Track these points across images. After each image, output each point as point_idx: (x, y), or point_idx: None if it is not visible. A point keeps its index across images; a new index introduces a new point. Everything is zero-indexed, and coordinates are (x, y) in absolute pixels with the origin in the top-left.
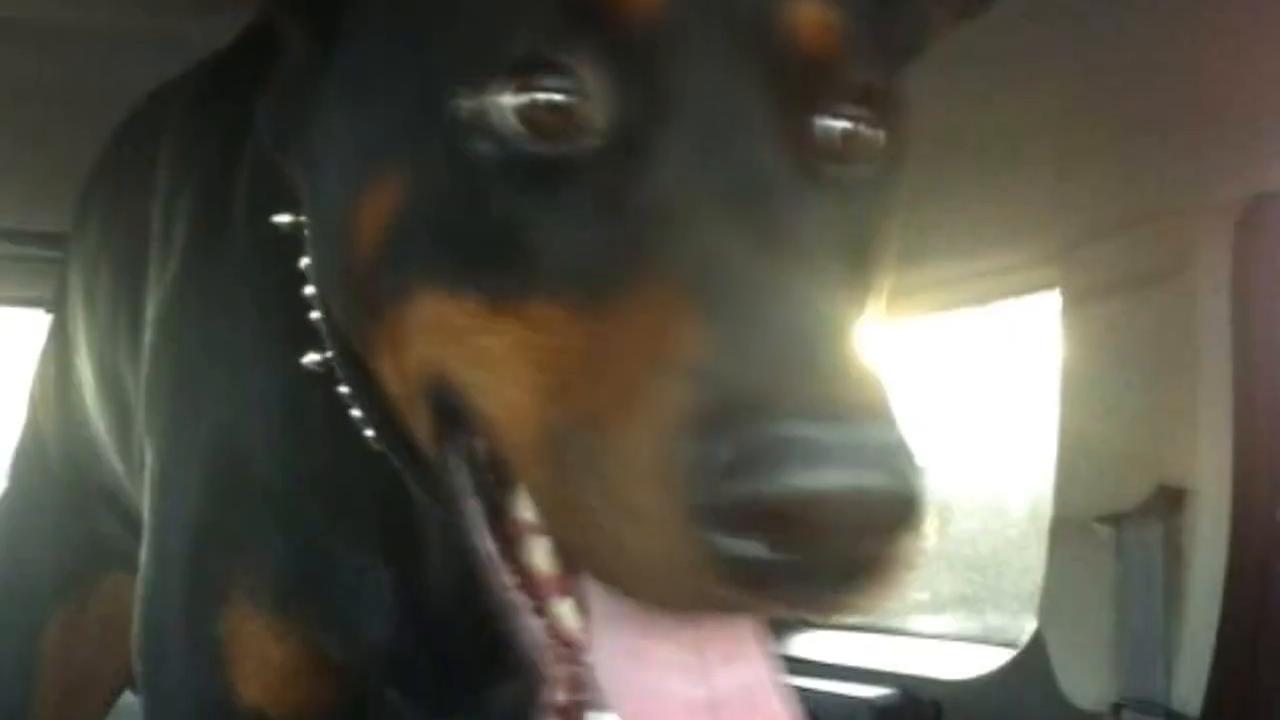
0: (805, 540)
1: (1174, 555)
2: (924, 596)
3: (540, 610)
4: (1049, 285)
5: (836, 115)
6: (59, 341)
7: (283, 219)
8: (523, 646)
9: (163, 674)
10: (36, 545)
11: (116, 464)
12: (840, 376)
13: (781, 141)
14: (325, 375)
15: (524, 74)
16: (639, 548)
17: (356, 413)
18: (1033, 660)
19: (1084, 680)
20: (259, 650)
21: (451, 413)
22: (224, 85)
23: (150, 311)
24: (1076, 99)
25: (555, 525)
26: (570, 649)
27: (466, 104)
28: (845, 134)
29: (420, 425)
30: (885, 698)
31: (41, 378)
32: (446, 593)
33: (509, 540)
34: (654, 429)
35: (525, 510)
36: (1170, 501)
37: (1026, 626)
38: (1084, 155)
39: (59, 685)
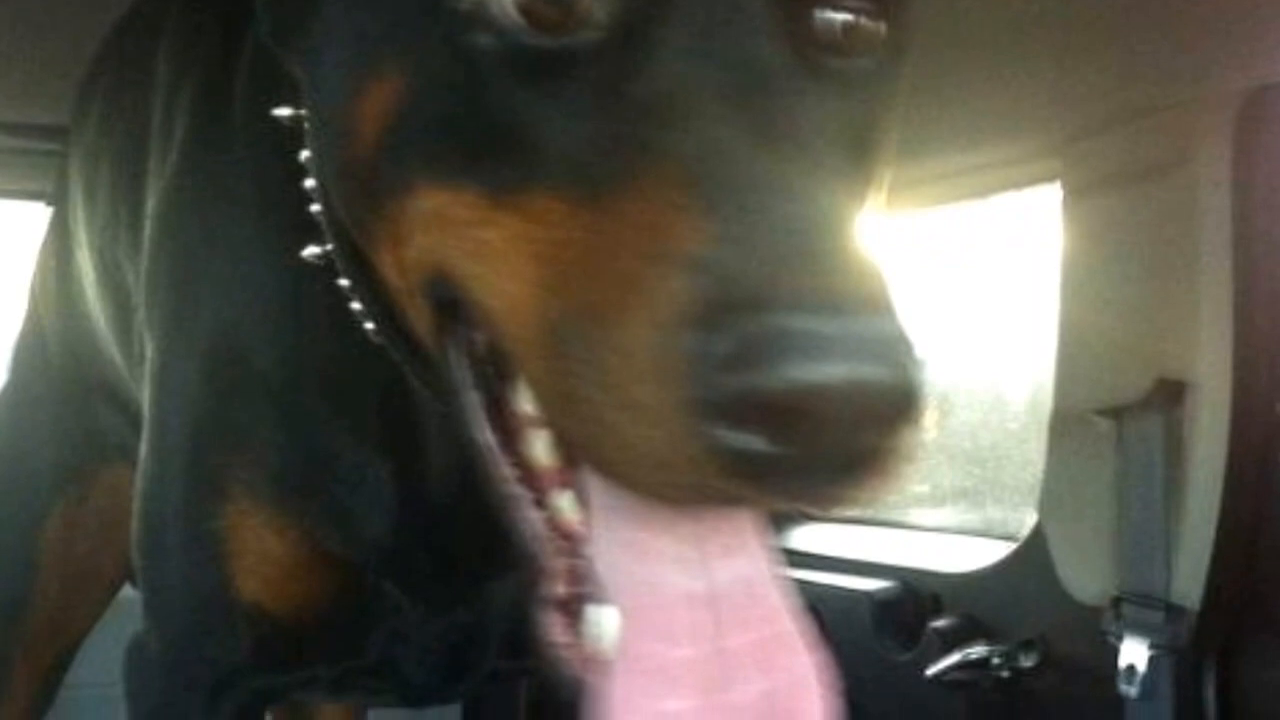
0: (805, 433)
1: (1174, 449)
2: (923, 489)
3: (540, 503)
4: (1049, 178)
5: (837, 7)
6: (59, 235)
7: (283, 113)
8: (522, 539)
9: (162, 568)
10: (36, 438)
11: (116, 357)
12: (840, 269)
13: (782, 34)
14: (325, 268)
15: None
16: (639, 440)
17: (356, 306)
18: (1033, 553)
19: (1084, 573)
20: (258, 545)
21: (451, 306)
22: None
23: (150, 205)
24: None
25: (555, 418)
26: (570, 541)
27: None
28: (846, 26)
29: (420, 318)
30: (885, 590)
31: (41, 271)
32: (446, 486)
33: (509, 433)
34: (653, 322)
35: (525, 403)
36: (1170, 395)
37: (1026, 520)
38: (1084, 48)
39: (59, 578)
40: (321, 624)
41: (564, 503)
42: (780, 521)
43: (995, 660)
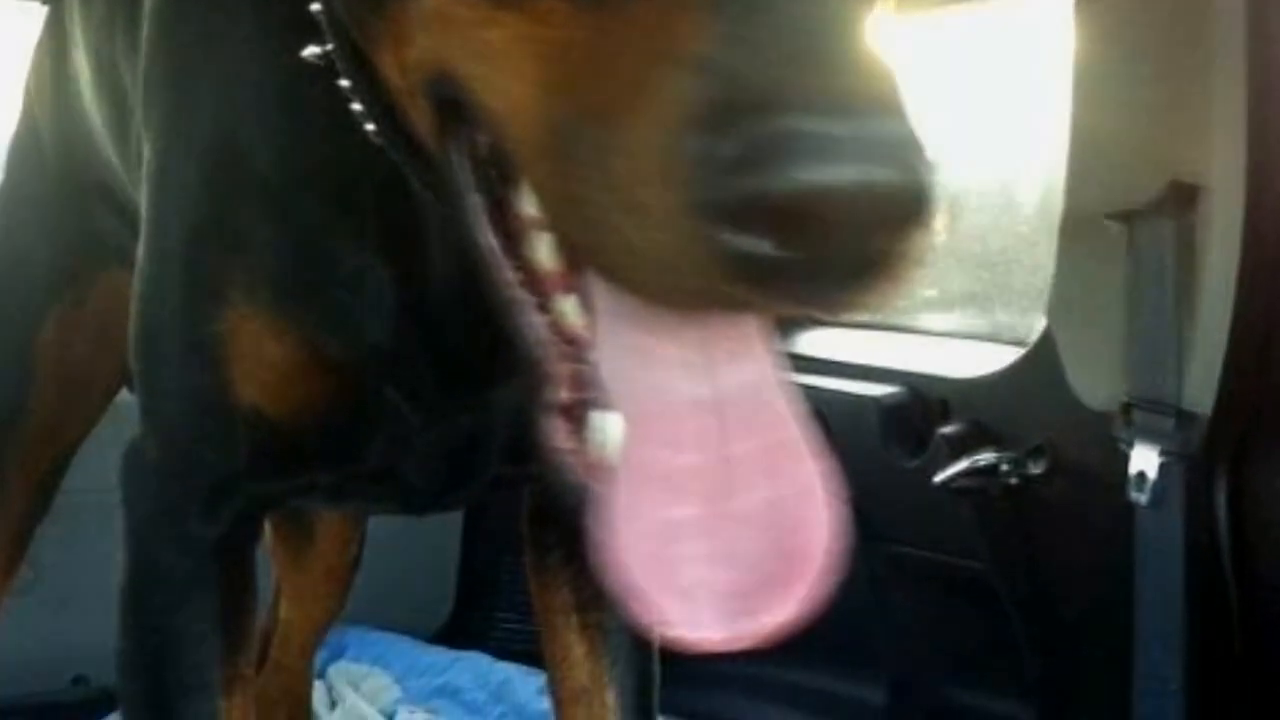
0: (813, 236)
1: (1186, 253)
2: (932, 294)
3: (543, 307)
4: None
5: None
6: (55, 35)
7: None
8: (525, 344)
9: (159, 372)
10: (32, 241)
11: (113, 159)
12: (850, 70)
13: None
14: (325, 68)
15: None
16: (644, 244)
17: (357, 107)
18: (1042, 359)
19: (1094, 379)
20: (257, 349)
21: (453, 106)
22: None
23: (148, 3)
24: None
25: (559, 220)
26: (574, 347)
27: None
28: None
29: (421, 119)
30: (892, 395)
31: (37, 71)
32: (447, 291)
33: (511, 236)
34: (659, 123)
35: (528, 205)
36: (1183, 198)
37: (1036, 325)
38: None
39: (56, 383)
40: (320, 429)
41: (568, 307)
42: (787, 326)
43: (1004, 467)
